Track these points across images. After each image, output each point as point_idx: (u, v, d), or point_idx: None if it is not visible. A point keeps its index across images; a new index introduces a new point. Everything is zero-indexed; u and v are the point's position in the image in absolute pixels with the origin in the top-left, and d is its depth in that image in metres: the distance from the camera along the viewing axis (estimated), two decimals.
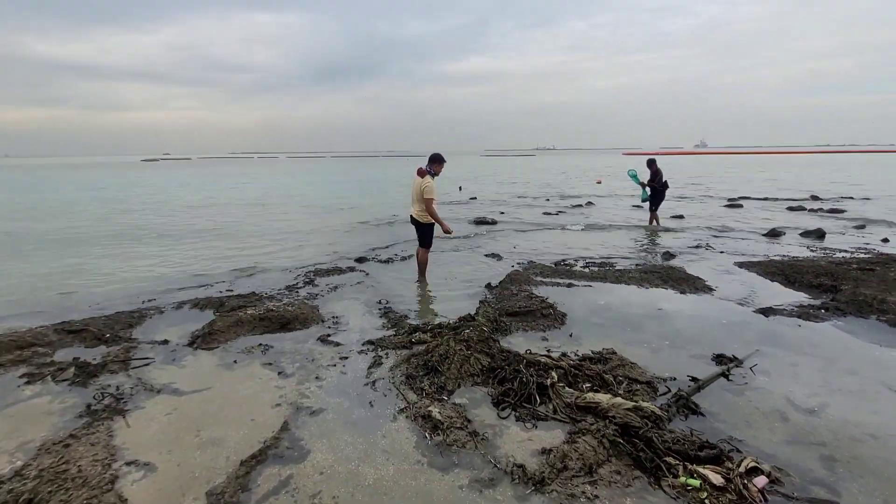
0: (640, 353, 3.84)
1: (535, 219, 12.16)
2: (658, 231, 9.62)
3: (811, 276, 5.81)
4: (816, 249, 7.80)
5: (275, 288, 5.76)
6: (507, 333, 4.24)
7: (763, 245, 8.30)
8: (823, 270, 5.92)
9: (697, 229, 10.12)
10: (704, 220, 11.38)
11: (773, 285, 5.76)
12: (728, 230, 9.95)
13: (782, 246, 8.19)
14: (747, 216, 12.09)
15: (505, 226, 10.96)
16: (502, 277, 6.02)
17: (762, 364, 3.60)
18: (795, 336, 4.17)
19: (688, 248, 7.98)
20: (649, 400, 3.06)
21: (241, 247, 8.69)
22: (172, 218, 12.71)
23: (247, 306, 4.86)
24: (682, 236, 9.26)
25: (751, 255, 7.39)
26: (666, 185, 9.98)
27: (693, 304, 5.10)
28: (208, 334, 4.19)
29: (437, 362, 3.45)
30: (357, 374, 3.51)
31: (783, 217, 11.87)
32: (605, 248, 8.30)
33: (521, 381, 3.15)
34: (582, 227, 10.37)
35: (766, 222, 10.81)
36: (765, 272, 6.22)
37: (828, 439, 2.71)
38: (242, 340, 4.16)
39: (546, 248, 8.35)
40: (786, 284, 5.76)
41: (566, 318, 4.62)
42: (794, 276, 5.90)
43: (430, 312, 4.95)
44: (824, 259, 6.83)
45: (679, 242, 8.59)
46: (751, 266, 6.57)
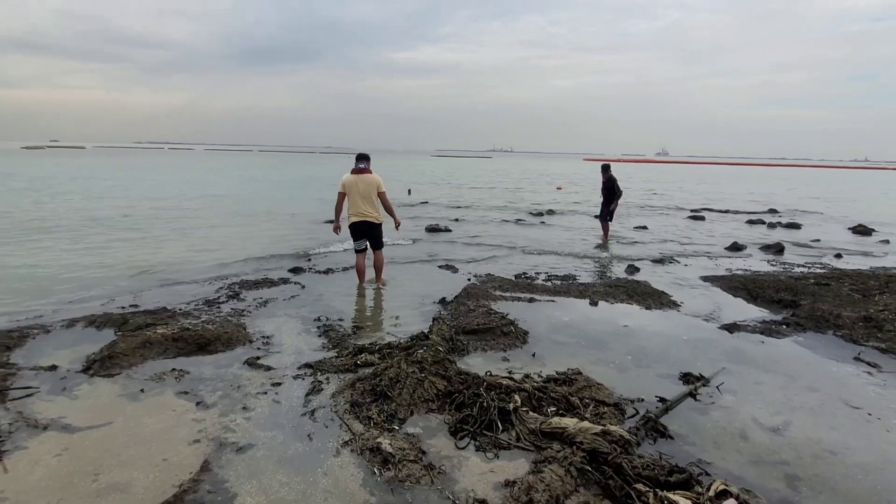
0: (606, 372, 3.99)
1: (492, 227, 12.40)
2: (603, 247, 10.01)
3: (772, 290, 6.34)
4: (776, 263, 8.54)
5: (192, 302, 5.52)
6: (464, 354, 4.27)
7: (726, 259, 8.97)
8: (783, 285, 6.49)
9: (661, 241, 10.77)
10: (668, 233, 12.13)
11: (736, 301, 6.23)
12: (692, 243, 10.67)
13: (744, 260, 8.90)
14: (710, 228, 13.04)
15: (460, 234, 11.08)
16: (458, 291, 6.08)
17: (728, 382, 3.87)
18: (759, 353, 4.52)
19: (652, 262, 8.46)
20: (617, 423, 3.18)
21: (149, 253, 8.22)
22: (60, 213, 11.73)
23: (157, 324, 4.60)
24: (646, 249, 9.80)
25: (714, 269, 7.96)
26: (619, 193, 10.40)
27: (659, 320, 5.39)
28: (108, 358, 3.91)
29: (387, 387, 3.41)
30: (292, 402, 3.41)
31: (744, 230, 12.91)
32: (568, 260, 8.61)
33: (482, 406, 3.17)
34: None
35: (727, 235, 11.70)
36: (728, 287, 6.72)
37: (791, 458, 2.95)
38: (151, 365, 3.94)
39: (506, 258, 8.54)
40: (749, 300, 6.25)
41: (528, 335, 4.72)
42: (756, 290, 6.42)
43: (377, 331, 4.90)
44: (784, 274, 7.50)
45: (643, 254, 9.08)
46: (715, 280, 7.07)
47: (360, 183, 6.21)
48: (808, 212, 17.89)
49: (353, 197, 6.21)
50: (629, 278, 7.10)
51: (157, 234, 9.98)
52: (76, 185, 20.71)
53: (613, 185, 10.34)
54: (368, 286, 6.48)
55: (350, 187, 6.21)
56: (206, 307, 5.35)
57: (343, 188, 6.24)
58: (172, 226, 11.10)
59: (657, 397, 3.56)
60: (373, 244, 6.51)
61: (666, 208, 17.89)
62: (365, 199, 6.20)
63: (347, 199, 6.28)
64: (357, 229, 6.32)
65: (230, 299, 5.68)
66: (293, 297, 5.92)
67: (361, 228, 6.30)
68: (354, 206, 6.21)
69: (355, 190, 6.20)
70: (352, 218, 6.25)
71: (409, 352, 3.91)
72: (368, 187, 6.21)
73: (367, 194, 6.20)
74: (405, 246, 9.40)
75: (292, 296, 5.95)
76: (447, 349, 4.13)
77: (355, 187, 6.21)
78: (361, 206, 6.20)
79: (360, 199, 6.20)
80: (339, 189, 6.26)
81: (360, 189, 6.19)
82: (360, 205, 6.20)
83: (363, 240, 6.41)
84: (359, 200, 6.20)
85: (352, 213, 6.24)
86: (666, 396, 3.56)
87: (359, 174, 6.24)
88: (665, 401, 3.50)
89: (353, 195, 6.21)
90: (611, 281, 6.89)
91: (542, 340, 4.66)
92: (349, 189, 6.21)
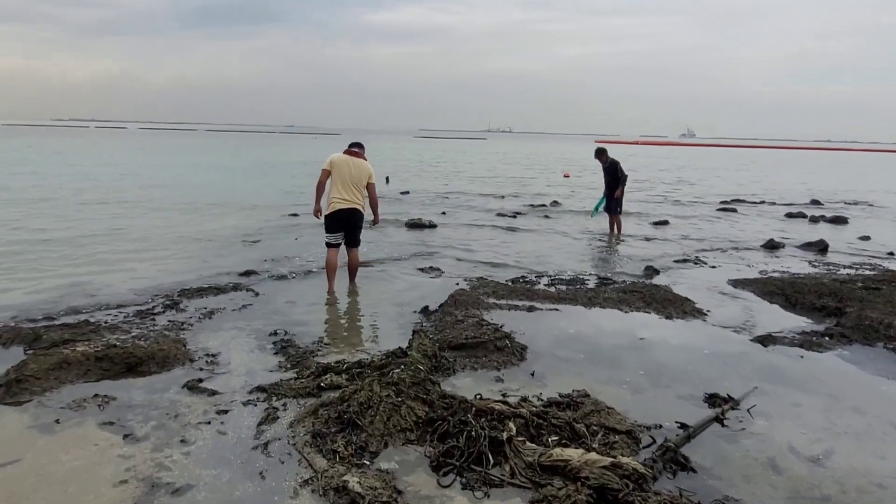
0: (618, 394, 4.02)
1: (486, 222, 12.44)
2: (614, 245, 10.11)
3: (814, 296, 6.45)
4: (819, 264, 8.69)
5: (120, 314, 5.46)
6: (450, 373, 4.28)
7: (760, 258, 9.11)
8: (827, 290, 6.60)
9: (685, 238, 10.89)
10: (693, 228, 12.27)
11: (772, 308, 6.33)
12: (721, 240, 10.81)
13: (781, 260, 9.04)
14: (742, 223, 13.24)
15: (447, 231, 11.10)
16: (444, 299, 6.08)
17: (761, 404, 3.92)
18: (798, 370, 4.59)
19: (674, 262, 8.56)
20: (630, 454, 3.20)
21: (69, 253, 8.08)
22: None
23: (76, 340, 4.55)
24: (668, 247, 9.91)
25: (746, 271, 8.08)
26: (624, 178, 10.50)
27: (681, 331, 5.45)
28: (16, 382, 3.84)
29: (356, 414, 3.40)
30: (242, 433, 3.39)
31: (781, 225, 13.12)
32: (575, 260, 8.67)
33: (469, 435, 3.17)
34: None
35: (762, 231, 11.88)
36: (763, 292, 6.82)
37: (834, 492, 3.00)
38: (69, 390, 3.89)
39: (501, 259, 8.57)
40: (786, 307, 6.35)
41: (527, 351, 4.74)
42: (795, 296, 6.52)
43: (345, 346, 4.90)
44: (828, 276, 7.63)
45: (663, 254, 9.18)
46: (747, 284, 7.18)
47: (352, 166, 6.29)
48: (857, 204, 18.23)
49: (339, 180, 6.26)
50: (647, 282, 7.18)
51: (79, 230, 9.84)
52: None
53: (616, 169, 10.40)
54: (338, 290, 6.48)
55: (339, 167, 6.26)
56: (137, 319, 5.30)
57: (330, 166, 6.28)
58: (97, 220, 10.96)
59: (677, 423, 3.60)
60: (350, 240, 6.56)
61: (691, 199, 18.10)
62: (354, 186, 6.29)
63: (331, 182, 6.32)
64: (337, 218, 6.34)
65: (167, 309, 5.64)
66: (245, 306, 5.89)
67: (343, 217, 6.34)
68: (339, 190, 6.26)
69: (345, 172, 6.26)
70: (334, 205, 6.28)
71: (384, 371, 3.89)
72: (360, 173, 6.33)
73: (357, 181, 6.31)
74: (380, 244, 9.38)
75: (244, 305, 5.92)
76: (429, 368, 4.12)
77: (346, 168, 6.26)
78: (348, 192, 6.27)
79: (348, 184, 6.27)
80: (325, 166, 6.30)
81: (352, 173, 6.28)
82: (347, 190, 6.27)
83: (340, 233, 6.46)
84: (346, 185, 6.26)
85: (334, 198, 6.27)
86: (688, 422, 3.60)
87: (352, 156, 6.35)
88: (687, 427, 3.53)
89: (341, 178, 6.25)
90: (625, 286, 6.96)
91: (543, 357, 4.68)
92: (337, 169, 6.26)
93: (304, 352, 4.68)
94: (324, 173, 6.31)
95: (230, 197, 15.32)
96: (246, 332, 5.15)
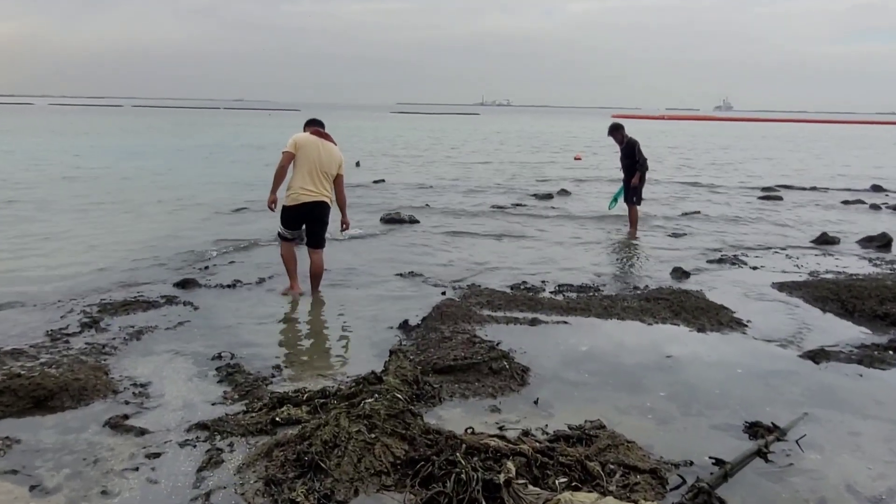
0: (640, 425, 4.03)
1: (479, 215, 12.44)
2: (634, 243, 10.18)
3: (875, 301, 6.52)
4: (881, 263, 8.79)
5: (25, 335, 5.39)
6: (435, 403, 4.27)
7: (811, 257, 9.19)
8: (891, 294, 6.67)
9: (720, 233, 10.97)
10: (731, 220, 12.36)
11: (825, 316, 6.39)
12: (763, 234, 10.91)
13: (836, 258, 9.14)
14: (789, 213, 13.36)
15: (432, 227, 11.11)
16: (427, 311, 6.09)
17: (812, 434, 3.95)
18: (856, 391, 4.64)
19: (707, 263, 8.62)
20: (655, 497, 3.22)
21: None
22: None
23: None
24: (700, 244, 9.97)
25: (794, 272, 8.14)
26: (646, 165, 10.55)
27: (716, 347, 5.48)
28: None
29: (320, 455, 3.37)
30: (178, 481, 3.36)
31: (836, 215, 13.26)
32: (588, 262, 8.69)
33: (459, 479, 3.16)
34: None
35: (813, 223, 12.01)
36: (814, 297, 6.89)
37: None
38: None
39: (498, 261, 8.57)
40: (842, 315, 6.42)
41: (529, 374, 4.74)
42: (852, 302, 6.59)
43: (306, 371, 4.88)
44: (891, 277, 7.71)
45: (695, 253, 9.24)
46: (795, 289, 7.24)
47: (322, 150, 6.31)
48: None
49: (306, 167, 6.26)
50: (675, 287, 7.21)
51: None
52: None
53: (634, 151, 10.41)
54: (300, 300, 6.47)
55: (306, 151, 6.25)
56: (47, 342, 5.23)
57: (295, 149, 6.25)
58: None
59: (712, 459, 3.60)
60: (314, 240, 6.62)
61: (728, 185, 18.25)
62: (323, 175, 6.31)
63: (293, 168, 6.32)
64: (299, 213, 6.39)
65: (85, 329, 5.58)
66: (181, 323, 5.85)
67: (306, 212, 6.38)
68: (304, 179, 6.26)
69: (314, 157, 6.25)
70: (299, 196, 6.29)
71: (354, 402, 3.88)
72: (331, 160, 6.36)
73: (328, 169, 6.33)
74: (351, 244, 9.35)
75: (180, 322, 5.88)
76: (409, 396, 4.11)
77: (314, 153, 6.26)
78: (315, 181, 6.28)
79: (316, 172, 6.28)
80: (289, 148, 6.27)
81: (322, 158, 6.29)
82: (315, 179, 6.28)
83: (300, 229, 6.55)
84: (313, 173, 6.27)
85: (300, 188, 6.28)
86: (725, 457, 3.61)
87: (317, 136, 6.38)
88: (723, 464, 3.55)
89: (308, 164, 6.25)
90: (648, 292, 6.99)
91: (549, 380, 4.68)
92: (304, 153, 6.25)
93: (255, 379, 4.64)
94: (286, 157, 6.29)
95: (162, 190, 15.20)
96: (183, 355, 5.09)
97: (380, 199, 14.20)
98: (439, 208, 13.22)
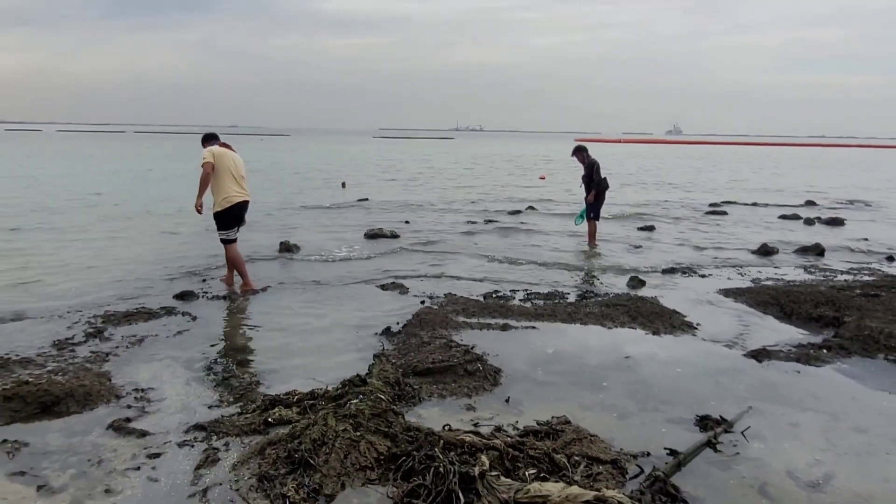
0: (602, 420, 4.07)
1: (454, 231, 12.48)
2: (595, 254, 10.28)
3: (810, 305, 6.66)
4: (815, 270, 8.98)
5: (33, 344, 5.33)
6: (415, 402, 4.29)
7: (753, 266, 9.36)
8: (824, 298, 6.83)
9: (673, 245, 11.12)
10: (681, 234, 12.54)
11: (765, 319, 6.50)
12: (710, 246, 11.08)
13: (775, 267, 9.32)
14: (733, 227, 13.59)
15: (411, 241, 11.11)
16: (408, 319, 6.10)
17: (756, 426, 4.01)
18: (794, 386, 4.73)
19: (661, 272, 8.73)
20: (616, 486, 3.24)
21: None
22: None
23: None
24: (654, 255, 10.10)
25: (738, 280, 8.29)
26: (605, 184, 10.66)
27: (670, 348, 5.55)
28: None
29: (309, 452, 3.38)
30: (177, 479, 3.34)
31: (775, 228, 13.53)
32: (554, 272, 8.76)
33: (437, 472, 3.17)
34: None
35: (755, 235, 12.23)
36: (756, 302, 7.01)
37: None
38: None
39: (472, 272, 8.60)
40: (781, 318, 6.54)
41: (501, 374, 4.78)
42: (790, 306, 6.72)
43: (296, 376, 4.86)
44: (824, 283, 7.89)
45: (650, 264, 9.35)
46: (739, 294, 7.37)
47: (235, 159, 7.02)
48: (855, 204, 18.94)
49: (228, 173, 6.89)
50: (632, 294, 7.29)
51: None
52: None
53: (591, 171, 10.52)
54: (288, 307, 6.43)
55: (223, 160, 6.89)
56: (54, 351, 5.19)
57: (213, 159, 6.80)
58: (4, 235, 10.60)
59: (667, 450, 3.65)
60: (234, 238, 7.21)
61: (678, 202, 18.52)
62: (241, 178, 7.05)
63: (216, 177, 6.86)
64: (233, 213, 7.03)
65: (90, 338, 5.53)
66: (180, 332, 5.83)
67: (237, 211, 7.04)
68: (231, 183, 6.94)
69: (230, 164, 6.92)
70: (233, 198, 6.94)
71: (340, 403, 3.89)
72: (242, 165, 7.14)
73: (242, 172, 7.09)
74: (336, 258, 9.31)
75: (179, 331, 5.85)
76: (392, 397, 4.12)
77: (229, 161, 6.94)
78: (239, 184, 7.00)
79: (236, 176, 6.97)
80: (209, 159, 6.80)
81: (237, 164, 7.01)
82: (239, 182, 6.99)
83: (236, 227, 7.17)
84: (235, 177, 6.95)
85: (229, 191, 6.91)
86: (678, 448, 3.65)
87: (227, 148, 7.07)
88: (677, 454, 3.59)
89: (229, 171, 6.91)
90: (608, 299, 7.06)
91: (519, 380, 4.71)
92: (221, 162, 6.87)
93: (248, 383, 4.64)
94: (209, 166, 6.80)
95: (162, 206, 15.02)
96: (181, 362, 5.08)
97: (363, 216, 14.18)
98: (418, 224, 13.23)
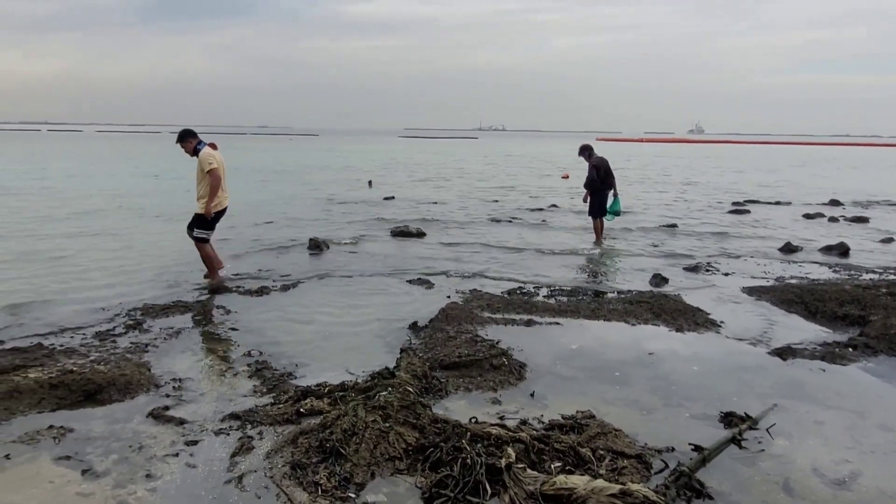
0: (626, 415, 4.04)
1: (479, 228, 12.46)
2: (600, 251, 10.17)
3: (835, 304, 6.52)
4: (840, 269, 8.79)
5: (77, 336, 5.42)
6: (442, 395, 4.30)
7: (777, 264, 9.19)
8: (849, 297, 6.68)
9: (695, 243, 10.97)
10: (704, 232, 12.37)
11: (790, 317, 6.39)
12: (733, 244, 10.91)
13: (799, 265, 9.13)
14: (756, 226, 13.35)
15: (437, 239, 11.12)
16: (434, 314, 6.10)
17: (781, 423, 3.95)
18: (819, 384, 4.64)
19: (684, 270, 8.61)
20: (641, 480, 3.22)
21: (18, 270, 7.99)
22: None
23: (28, 366, 4.51)
24: (677, 253, 9.98)
25: (762, 278, 8.15)
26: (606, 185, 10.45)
27: (693, 345, 5.49)
28: None
29: (340, 442, 3.40)
30: (213, 466, 3.38)
31: (799, 227, 13.26)
32: (577, 269, 8.72)
33: (464, 463, 3.18)
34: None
35: (778, 234, 12.00)
36: (780, 300, 6.89)
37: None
38: (21, 422, 3.85)
39: (496, 269, 8.59)
40: (806, 316, 6.41)
41: (525, 369, 4.76)
42: (815, 304, 6.59)
43: (327, 367, 4.88)
44: (849, 282, 7.71)
45: (672, 261, 9.24)
46: (763, 292, 7.24)
47: (222, 162, 7.23)
48: (879, 202, 18.47)
49: (222, 177, 7.13)
50: (655, 292, 7.22)
51: (29, 244, 9.73)
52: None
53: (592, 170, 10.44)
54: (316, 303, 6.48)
55: (221, 165, 7.12)
56: (96, 342, 5.27)
57: (218, 165, 7.03)
58: (50, 232, 10.85)
59: (691, 445, 3.61)
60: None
61: (701, 200, 18.25)
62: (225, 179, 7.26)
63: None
64: (218, 216, 7.26)
65: (130, 330, 5.61)
66: (215, 325, 5.89)
67: (221, 213, 7.32)
68: (224, 187, 7.17)
69: (223, 167, 7.17)
70: (223, 202, 7.21)
71: (369, 395, 3.90)
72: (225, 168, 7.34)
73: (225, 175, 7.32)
74: (362, 255, 9.37)
75: (214, 324, 5.92)
76: (419, 390, 4.14)
77: (222, 165, 7.17)
78: (225, 186, 7.21)
79: (225, 179, 7.22)
80: (216, 165, 6.99)
81: (224, 167, 7.23)
82: (225, 185, 7.21)
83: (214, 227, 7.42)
84: (224, 180, 7.19)
85: (221, 197, 7.13)
86: (703, 444, 3.61)
87: (216, 150, 7.25)
88: (701, 450, 3.55)
89: (223, 175, 7.14)
90: (631, 296, 7.00)
91: (544, 375, 4.70)
92: (221, 167, 7.12)
93: (281, 374, 4.67)
94: (217, 172, 7.00)
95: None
96: (217, 353, 5.14)
97: (390, 214, 14.22)
98: (443, 222, 13.23)
